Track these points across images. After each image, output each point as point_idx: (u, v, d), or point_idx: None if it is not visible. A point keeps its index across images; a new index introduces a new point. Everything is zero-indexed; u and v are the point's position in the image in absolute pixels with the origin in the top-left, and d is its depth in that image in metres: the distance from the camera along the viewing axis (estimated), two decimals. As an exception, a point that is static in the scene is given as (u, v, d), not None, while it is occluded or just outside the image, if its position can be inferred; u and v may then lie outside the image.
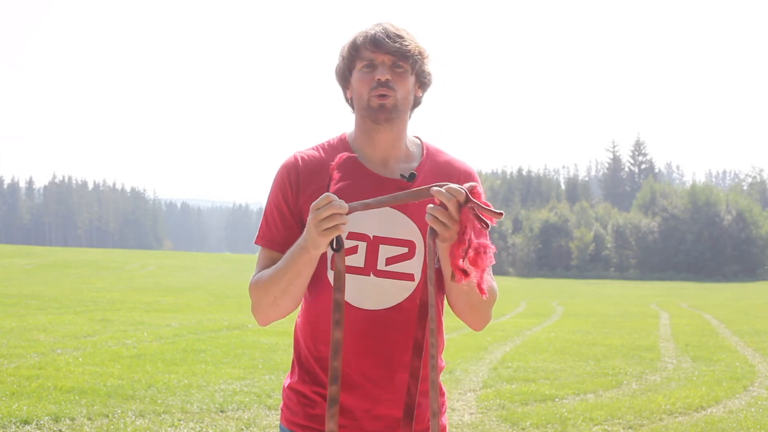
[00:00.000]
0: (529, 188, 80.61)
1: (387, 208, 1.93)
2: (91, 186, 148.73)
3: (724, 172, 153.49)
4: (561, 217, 64.65)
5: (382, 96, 1.91)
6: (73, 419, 6.09)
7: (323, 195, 1.74)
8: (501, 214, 1.66)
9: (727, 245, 58.41)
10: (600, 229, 63.46)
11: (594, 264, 60.88)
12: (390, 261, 1.94)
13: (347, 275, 1.89)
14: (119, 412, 6.37)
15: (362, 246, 1.93)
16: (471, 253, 1.69)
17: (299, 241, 1.83)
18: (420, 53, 1.94)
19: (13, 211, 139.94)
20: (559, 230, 62.77)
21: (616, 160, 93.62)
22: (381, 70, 1.91)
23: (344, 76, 1.99)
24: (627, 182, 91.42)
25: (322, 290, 1.96)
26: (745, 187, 78.93)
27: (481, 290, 1.74)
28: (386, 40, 1.90)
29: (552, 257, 61.26)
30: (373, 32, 1.92)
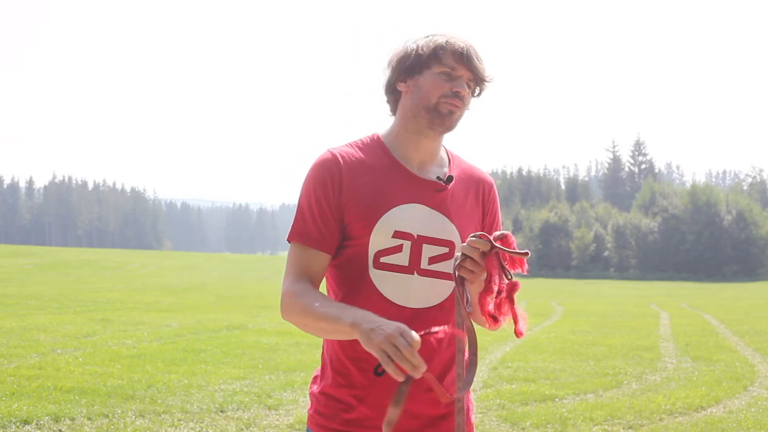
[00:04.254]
0: (529, 188, 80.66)
1: (427, 208, 1.98)
2: (91, 186, 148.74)
3: (724, 172, 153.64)
4: (561, 217, 64.62)
5: (454, 105, 1.95)
6: (73, 419, 6.08)
7: (414, 337, 1.67)
8: (527, 253, 1.78)
9: (727, 245, 58.38)
10: (600, 229, 63.46)
11: (594, 264, 60.88)
12: (432, 260, 1.97)
13: (391, 273, 1.94)
14: (119, 412, 6.36)
15: (407, 245, 1.95)
16: (497, 300, 1.83)
17: (352, 318, 1.76)
18: (489, 82, 2.01)
19: (13, 211, 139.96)
20: (559, 230, 62.76)
21: (616, 160, 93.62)
22: (460, 83, 1.95)
23: (412, 68, 1.97)
24: (627, 182, 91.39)
25: (362, 289, 1.94)
26: (745, 187, 78.93)
27: (517, 334, 1.85)
28: (473, 58, 1.96)
29: (552, 257, 61.24)
30: (461, 45, 1.96)
